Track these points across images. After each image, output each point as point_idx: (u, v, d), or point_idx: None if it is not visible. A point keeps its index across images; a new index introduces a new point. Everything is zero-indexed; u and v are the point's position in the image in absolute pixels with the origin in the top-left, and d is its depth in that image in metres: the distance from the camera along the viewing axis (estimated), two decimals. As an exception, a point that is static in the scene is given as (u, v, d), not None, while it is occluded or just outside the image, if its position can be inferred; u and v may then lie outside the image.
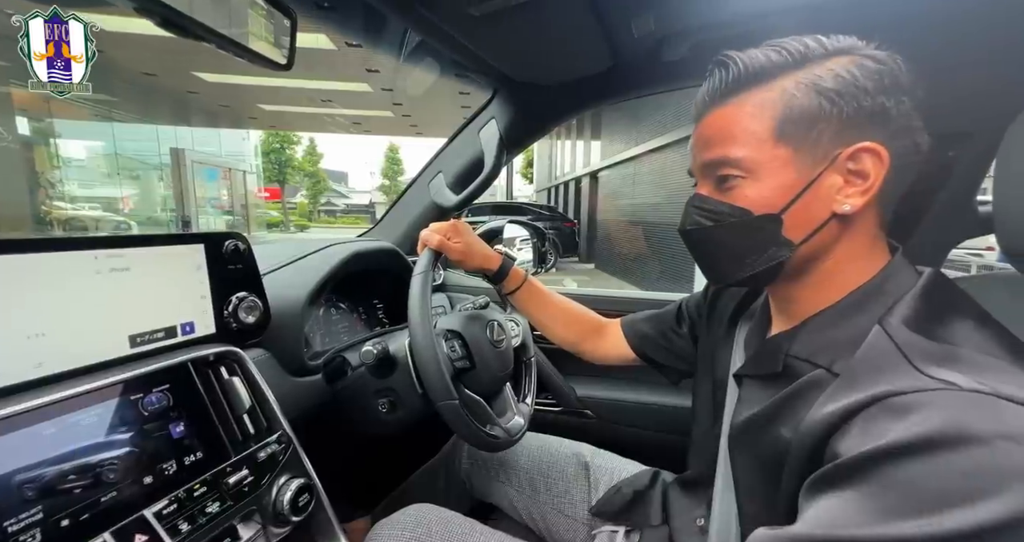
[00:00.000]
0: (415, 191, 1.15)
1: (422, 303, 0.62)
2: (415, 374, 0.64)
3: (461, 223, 0.76)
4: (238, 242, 0.56)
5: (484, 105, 1.01)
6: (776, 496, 0.40)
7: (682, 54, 0.73)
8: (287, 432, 0.53)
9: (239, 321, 0.56)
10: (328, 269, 0.76)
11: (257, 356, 0.61)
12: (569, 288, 1.28)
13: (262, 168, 20.19)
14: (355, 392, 0.72)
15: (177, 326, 0.50)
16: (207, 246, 0.53)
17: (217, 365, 0.51)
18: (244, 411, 0.50)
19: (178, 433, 0.43)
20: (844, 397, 0.34)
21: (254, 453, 0.48)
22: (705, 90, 0.44)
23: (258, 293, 0.59)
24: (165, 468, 0.41)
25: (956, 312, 0.37)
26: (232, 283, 0.56)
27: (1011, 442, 0.27)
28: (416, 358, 0.61)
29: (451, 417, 0.60)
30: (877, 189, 0.39)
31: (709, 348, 0.62)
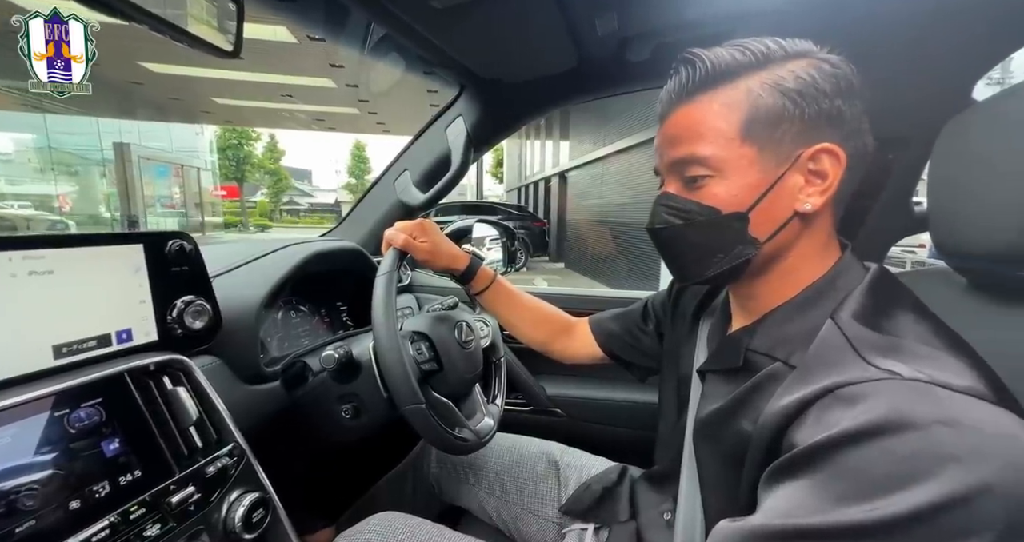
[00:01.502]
0: (380, 189, 1.12)
1: (386, 304, 0.60)
2: (380, 378, 0.62)
3: (427, 222, 0.74)
4: (183, 242, 0.52)
5: (451, 102, 0.99)
6: (738, 488, 0.41)
7: (646, 55, 0.74)
8: (240, 444, 0.50)
9: (185, 327, 0.52)
10: (286, 270, 0.73)
11: (207, 364, 0.57)
12: (539, 287, 1.28)
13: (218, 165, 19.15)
14: (316, 398, 0.69)
15: (112, 334, 0.45)
16: (147, 247, 0.49)
17: (159, 375, 0.47)
18: (191, 423, 0.46)
19: (112, 451, 0.39)
20: (799, 389, 0.35)
21: (202, 468, 0.45)
22: (671, 87, 0.44)
23: (207, 296, 0.55)
24: (96, 490, 0.37)
25: (898, 306, 0.39)
26: (177, 286, 0.52)
27: (946, 427, 0.28)
28: (380, 362, 0.59)
29: (417, 421, 0.58)
30: (835, 189, 0.40)
31: (674, 345, 0.63)
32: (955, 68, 0.70)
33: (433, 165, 1.03)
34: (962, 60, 0.69)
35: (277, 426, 0.68)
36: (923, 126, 0.73)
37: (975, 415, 0.29)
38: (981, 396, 0.30)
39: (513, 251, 1.32)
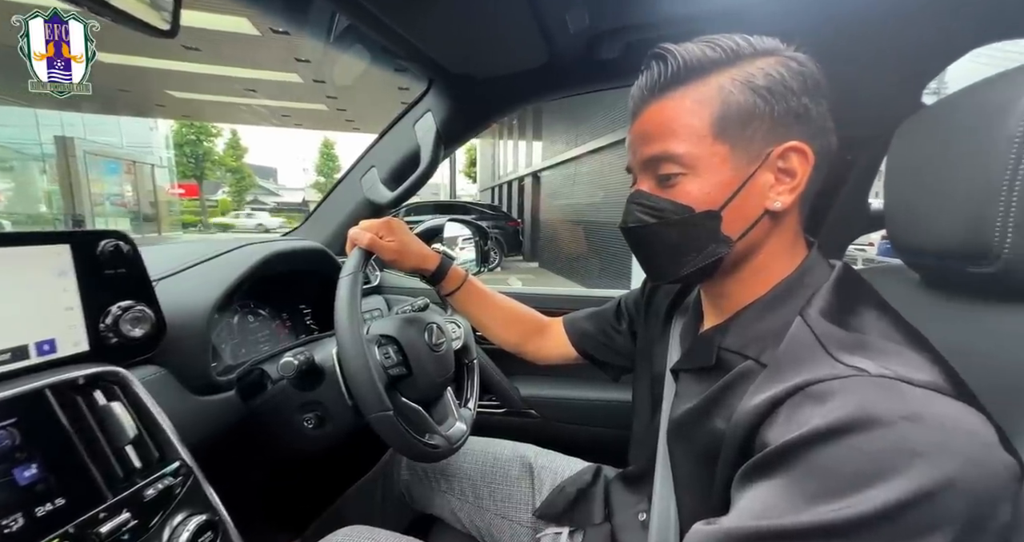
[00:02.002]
0: (346, 187, 1.07)
1: (350, 307, 0.57)
2: (344, 385, 0.59)
3: (395, 220, 0.70)
4: (119, 242, 0.48)
5: (420, 97, 0.96)
6: (711, 488, 0.40)
7: (616, 53, 0.74)
8: (186, 461, 0.46)
9: (122, 335, 0.47)
10: (241, 271, 0.68)
11: (149, 375, 0.52)
12: (512, 287, 1.27)
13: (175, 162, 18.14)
14: (276, 408, 0.65)
15: (30, 345, 0.40)
16: (75, 247, 0.44)
17: (90, 389, 0.42)
18: (128, 442, 0.42)
19: (27, 478, 0.35)
20: (771, 387, 0.35)
21: (139, 491, 0.41)
22: (643, 83, 0.43)
23: (148, 301, 0.50)
24: (6, 525, 0.32)
25: (862, 302, 0.40)
26: (112, 291, 0.47)
27: (911, 423, 0.28)
28: (344, 367, 0.56)
29: (384, 429, 0.55)
30: (803, 187, 0.41)
31: (647, 343, 0.63)
32: (906, 73, 0.73)
33: (401, 162, 0.99)
34: (913, 65, 0.73)
35: (233, 439, 0.64)
36: (879, 127, 0.76)
37: (937, 410, 0.29)
38: (942, 391, 0.31)
39: (486, 251, 1.30)
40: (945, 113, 0.48)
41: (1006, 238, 0.39)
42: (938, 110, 0.49)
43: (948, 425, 0.29)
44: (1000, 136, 0.39)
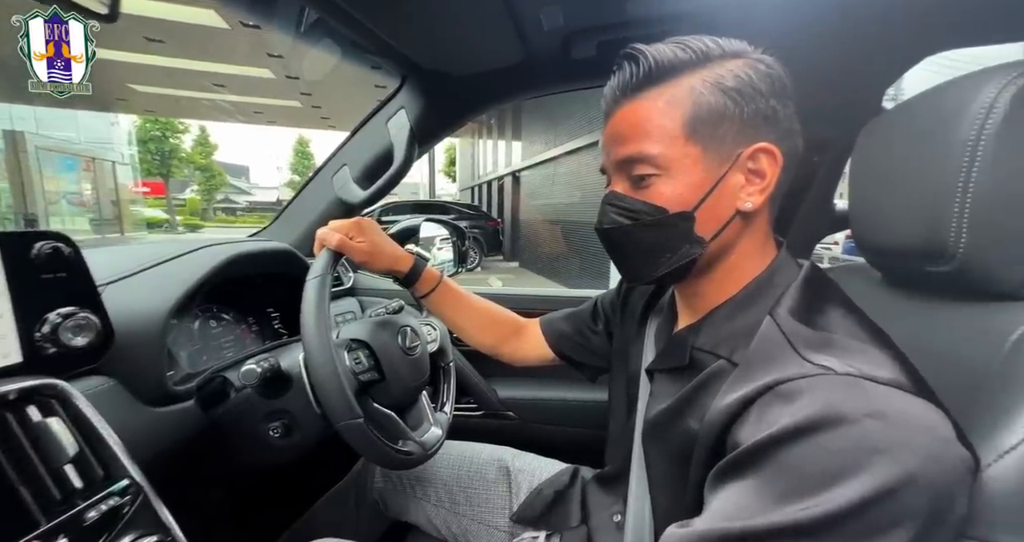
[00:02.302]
0: (317, 186, 1.03)
1: (318, 311, 0.54)
2: (312, 392, 0.56)
3: (366, 220, 0.68)
4: (58, 244, 0.44)
5: (393, 93, 0.94)
6: (685, 488, 0.41)
7: (591, 52, 0.74)
8: (135, 479, 0.43)
9: (61, 345, 0.43)
10: (202, 274, 0.64)
11: (95, 386, 0.49)
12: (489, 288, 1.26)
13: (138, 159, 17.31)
14: (240, 417, 0.62)
15: (-48, 357, 0.37)
16: (5, 249, 0.40)
17: (22, 405, 0.38)
18: (67, 461, 0.38)
19: (-55, 506, 0.31)
20: (742, 387, 0.35)
21: (80, 514, 0.37)
22: (615, 84, 0.43)
23: (92, 307, 0.47)
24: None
25: (829, 301, 0.41)
26: (49, 296, 0.44)
27: (874, 420, 0.29)
28: (311, 374, 0.53)
29: (354, 438, 0.53)
30: (773, 188, 0.41)
31: (623, 344, 0.63)
32: (867, 78, 0.75)
33: (374, 160, 0.97)
34: (872, 71, 0.75)
35: (193, 451, 0.60)
36: (842, 131, 0.79)
37: (899, 407, 0.30)
38: (904, 388, 0.31)
39: (464, 251, 1.28)
40: (904, 117, 0.49)
41: (961, 238, 0.40)
42: (897, 114, 0.50)
43: (910, 422, 0.29)
44: (954, 140, 0.40)
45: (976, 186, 0.39)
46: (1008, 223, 0.39)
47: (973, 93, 0.40)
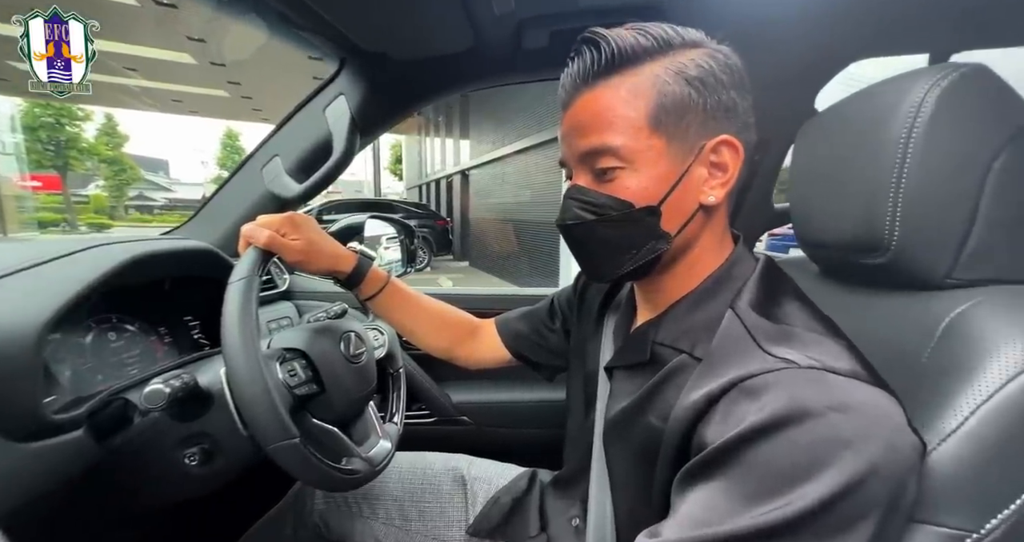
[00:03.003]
0: (243, 178, 0.93)
1: (242, 319, 0.47)
2: (236, 411, 0.49)
3: (300, 215, 0.61)
4: None
5: (331, 77, 0.86)
6: (649, 488, 0.40)
7: (544, 42, 0.72)
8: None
9: None
10: (93, 277, 0.54)
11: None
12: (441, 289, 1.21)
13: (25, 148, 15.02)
14: (146, 445, 0.53)
15: None
16: None
17: None
18: None
19: None
20: (706, 383, 0.35)
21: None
22: (575, 71, 0.41)
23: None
24: None
25: (785, 294, 0.41)
26: None
27: (838, 412, 0.29)
28: (235, 391, 0.46)
29: (289, 461, 0.46)
30: (735, 181, 0.41)
31: (580, 341, 0.62)
32: (801, 79, 0.80)
33: (310, 151, 0.88)
34: (806, 72, 0.80)
35: (84, 490, 0.50)
36: (778, 131, 0.83)
37: (860, 397, 0.31)
38: (861, 378, 0.32)
39: (413, 250, 1.22)
40: (839, 118, 0.52)
41: (895, 231, 0.42)
42: (832, 115, 0.53)
43: (869, 412, 0.30)
44: (887, 139, 0.42)
45: (907, 182, 0.41)
46: (934, 217, 0.41)
47: (903, 94, 0.42)
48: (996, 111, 0.41)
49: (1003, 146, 0.40)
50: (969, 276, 0.41)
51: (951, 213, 0.41)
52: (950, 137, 0.40)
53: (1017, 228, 0.41)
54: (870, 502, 0.28)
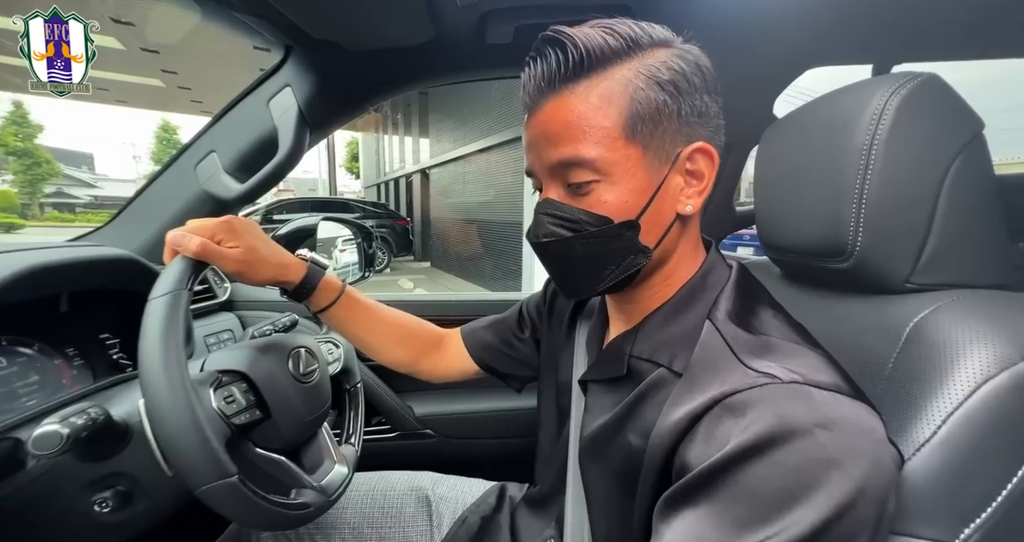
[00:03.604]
0: (174, 177, 0.83)
1: (164, 339, 0.40)
2: (158, 448, 0.42)
3: (238, 219, 0.54)
4: None
5: (275, 67, 0.78)
6: (630, 510, 0.38)
7: (508, 38, 0.69)
8: None
9: None
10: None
11: None
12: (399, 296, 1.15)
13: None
14: (43, 493, 0.44)
15: None
16: None
17: None
18: None
19: None
20: (688, 401, 0.33)
21: None
22: (539, 73, 0.38)
23: None
24: None
25: (760, 302, 0.41)
26: None
27: (824, 430, 0.28)
28: (156, 424, 0.39)
29: (225, 503, 0.40)
30: (710, 188, 0.39)
31: (551, 351, 0.59)
32: (760, 84, 0.82)
33: (253, 147, 0.80)
34: (764, 78, 0.82)
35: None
36: (740, 135, 0.85)
37: (844, 413, 0.30)
38: (843, 391, 0.31)
39: (371, 253, 1.15)
40: (802, 123, 0.52)
41: (858, 237, 0.43)
42: (794, 121, 0.53)
43: (854, 429, 0.29)
44: (850, 145, 0.42)
45: (870, 188, 0.41)
46: (895, 222, 0.42)
47: (865, 101, 0.43)
48: (950, 119, 0.42)
49: (957, 153, 0.41)
50: (927, 281, 0.42)
51: (910, 219, 0.42)
52: (909, 144, 0.41)
53: (970, 233, 0.42)
54: (861, 523, 0.27)
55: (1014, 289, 0.43)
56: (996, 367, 0.33)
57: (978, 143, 0.43)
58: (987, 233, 0.44)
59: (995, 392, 0.33)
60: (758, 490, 0.28)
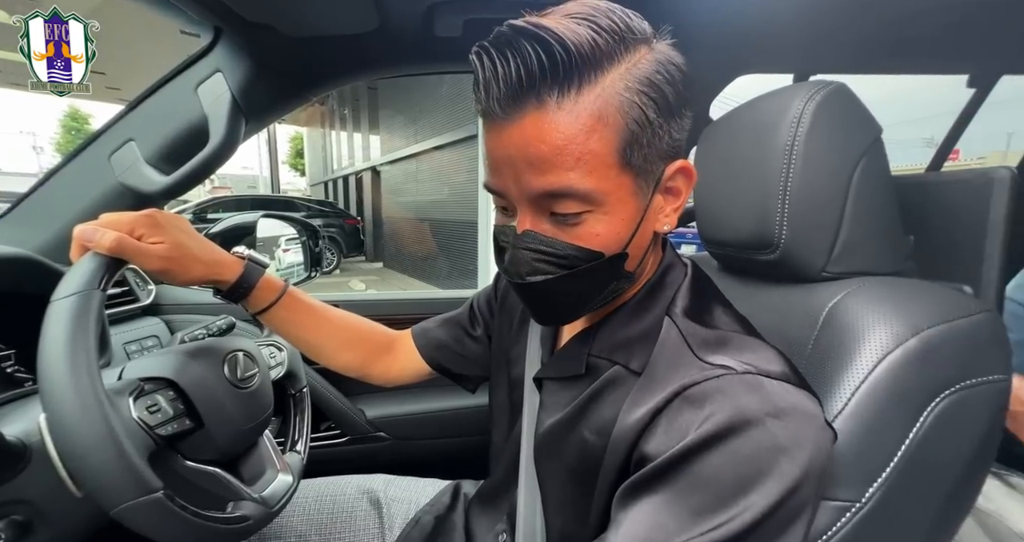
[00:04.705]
0: (83, 167, 0.74)
1: (71, 346, 0.36)
2: (63, 467, 0.37)
3: (163, 213, 0.48)
4: None
5: (204, 50, 0.72)
6: (585, 506, 0.38)
7: (457, 31, 0.68)
8: None
9: None
10: None
11: None
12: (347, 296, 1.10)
13: None
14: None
15: None
16: None
17: None
18: None
19: None
20: (649, 398, 0.34)
21: None
22: (510, 75, 0.30)
23: None
24: None
25: (712, 298, 0.42)
26: None
27: (775, 419, 0.30)
28: (60, 440, 0.35)
29: (147, 522, 0.37)
30: (685, 204, 0.39)
31: (503, 346, 0.59)
32: (700, 89, 0.87)
33: (180, 136, 0.74)
34: (703, 82, 0.87)
35: None
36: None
37: (791, 401, 0.32)
38: (791, 380, 0.33)
39: (317, 252, 1.10)
40: (733, 126, 0.56)
41: (783, 230, 0.46)
42: (727, 123, 0.57)
43: (799, 416, 0.31)
44: (775, 146, 0.46)
45: (792, 186, 0.45)
46: (812, 217, 0.46)
47: (787, 104, 0.46)
48: (856, 124, 0.47)
49: (862, 155, 0.46)
50: (839, 269, 0.47)
51: (825, 214, 0.46)
52: (823, 146, 0.45)
53: (873, 227, 0.47)
54: (803, 503, 0.30)
55: (908, 276, 0.49)
56: (893, 344, 0.38)
57: (878, 146, 0.48)
58: (887, 227, 0.49)
59: (891, 366, 0.37)
60: (715, 479, 0.29)
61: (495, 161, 0.35)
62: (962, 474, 0.38)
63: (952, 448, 0.38)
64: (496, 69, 0.31)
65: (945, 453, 0.38)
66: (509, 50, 0.30)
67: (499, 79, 0.31)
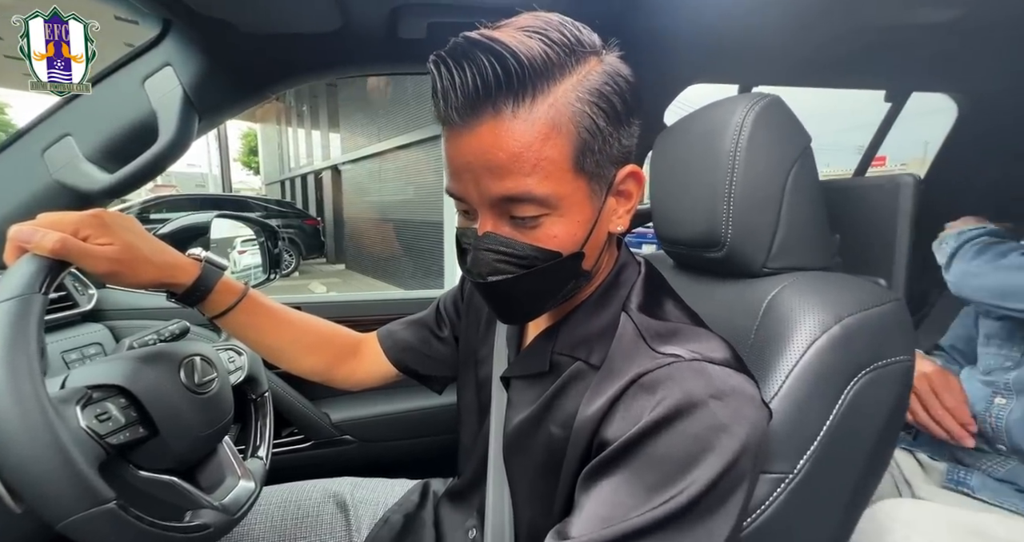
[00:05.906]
0: (11, 164, 0.69)
1: (9, 350, 0.34)
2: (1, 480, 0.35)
3: (109, 213, 0.45)
4: None
5: (151, 42, 0.68)
6: (552, 497, 0.40)
7: (421, 34, 0.68)
8: None
9: None
10: None
11: None
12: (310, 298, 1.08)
13: None
14: None
15: None
16: None
17: None
18: None
19: None
20: (608, 388, 0.37)
21: None
22: (466, 84, 0.32)
23: None
24: None
25: (663, 293, 0.46)
26: None
27: (717, 400, 0.33)
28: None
29: (100, 534, 0.35)
30: (636, 206, 0.42)
31: (471, 346, 0.60)
32: (655, 95, 0.92)
33: (124, 132, 0.70)
34: (657, 89, 0.92)
35: None
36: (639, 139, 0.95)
37: (732, 384, 0.35)
38: (732, 366, 0.37)
39: (276, 254, 1.07)
40: (684, 132, 0.60)
41: (729, 230, 0.51)
42: (679, 129, 0.61)
43: (739, 397, 0.34)
44: (721, 151, 0.50)
45: (736, 188, 0.50)
46: (754, 217, 0.51)
47: (731, 113, 0.51)
48: (789, 132, 0.52)
49: (794, 161, 0.51)
50: (777, 265, 0.52)
51: (764, 215, 0.51)
52: (762, 152, 0.50)
53: (805, 227, 0.53)
54: (742, 475, 0.33)
55: (835, 270, 0.55)
56: (819, 331, 0.43)
57: (808, 153, 0.53)
58: (817, 227, 0.55)
59: (818, 352, 0.42)
60: (666, 457, 0.32)
61: (455, 167, 0.37)
62: (876, 443, 0.44)
63: (868, 421, 0.43)
64: (454, 79, 0.32)
65: (862, 426, 0.43)
66: (465, 61, 0.32)
67: (456, 88, 0.32)
